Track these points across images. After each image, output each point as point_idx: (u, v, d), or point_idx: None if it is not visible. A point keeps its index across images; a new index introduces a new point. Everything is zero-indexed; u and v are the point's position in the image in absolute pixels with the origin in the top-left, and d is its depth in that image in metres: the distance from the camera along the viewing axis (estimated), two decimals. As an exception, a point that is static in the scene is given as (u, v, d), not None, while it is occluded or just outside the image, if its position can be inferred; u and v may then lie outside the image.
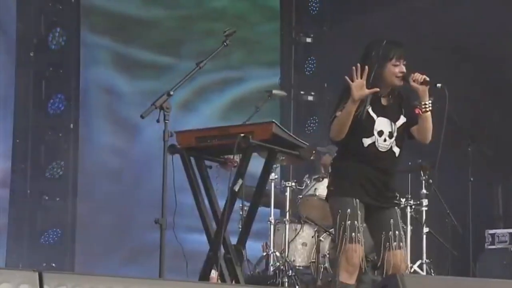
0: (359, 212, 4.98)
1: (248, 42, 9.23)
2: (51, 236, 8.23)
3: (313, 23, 9.78)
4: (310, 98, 9.73)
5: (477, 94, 8.61)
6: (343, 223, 4.95)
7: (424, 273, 7.29)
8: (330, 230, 7.12)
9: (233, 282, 4.86)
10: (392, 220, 5.05)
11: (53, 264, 8.07)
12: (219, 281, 4.92)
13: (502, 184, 8.94)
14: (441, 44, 8.78)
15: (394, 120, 5.07)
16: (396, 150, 5.09)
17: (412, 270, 7.22)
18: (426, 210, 7.47)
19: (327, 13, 9.75)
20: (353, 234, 4.93)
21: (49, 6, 8.43)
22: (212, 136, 4.99)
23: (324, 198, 7.18)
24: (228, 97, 9.26)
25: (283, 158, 6.90)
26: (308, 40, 9.74)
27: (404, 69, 5.08)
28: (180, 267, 5.08)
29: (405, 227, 7.33)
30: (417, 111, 5.01)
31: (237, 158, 5.05)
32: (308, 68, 9.77)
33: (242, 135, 4.82)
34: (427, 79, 5.02)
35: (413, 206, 7.41)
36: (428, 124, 5.05)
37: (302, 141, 5.05)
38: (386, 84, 5.08)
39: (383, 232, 5.06)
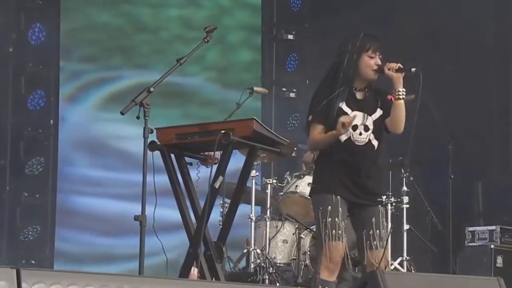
0: (340, 209, 5.00)
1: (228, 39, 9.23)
2: (30, 233, 8.19)
3: (295, 20, 9.78)
4: (291, 95, 9.73)
5: (457, 91, 8.64)
6: (324, 220, 4.95)
7: (405, 270, 7.31)
8: (311, 227, 7.13)
9: (213, 279, 4.85)
10: (374, 218, 5.06)
11: (33, 261, 8.04)
12: (199, 278, 4.91)
13: (482, 181, 8.97)
14: (420, 40, 8.80)
15: (370, 113, 5.09)
16: (375, 143, 5.11)
17: (393, 267, 7.23)
18: (406, 208, 7.49)
19: (309, 10, 9.75)
20: (334, 231, 4.93)
21: (29, 2, 8.38)
22: (193, 132, 4.98)
23: (306, 196, 7.23)
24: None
25: (264, 155, 6.91)
26: (290, 37, 9.74)
27: (379, 62, 5.10)
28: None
29: (390, 225, 7.35)
30: (389, 97, 5.03)
31: (217, 155, 5.04)
32: (289, 65, 9.77)
33: (222, 132, 4.81)
34: (401, 66, 5.04)
35: (393, 203, 7.43)
36: (401, 113, 5.03)
37: (283, 138, 5.05)
38: (362, 77, 5.11)
39: (365, 230, 5.07)
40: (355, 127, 5.06)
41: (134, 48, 8.74)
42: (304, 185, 7.28)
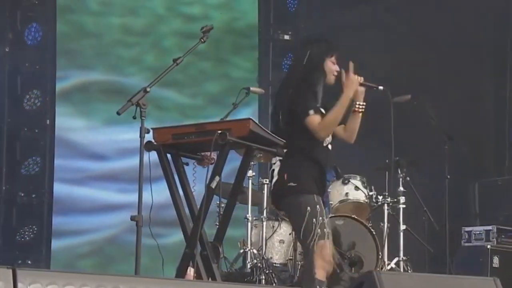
0: (324, 208, 5.06)
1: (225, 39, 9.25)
2: (26, 233, 8.18)
3: (291, 21, 9.78)
4: (288, 95, 9.72)
5: (453, 92, 8.65)
6: (314, 220, 4.98)
7: (401, 270, 7.32)
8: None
9: (210, 279, 4.85)
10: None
11: (29, 261, 8.03)
12: (195, 278, 4.91)
13: (479, 181, 8.98)
14: (417, 42, 8.82)
15: None
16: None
17: (389, 267, 7.24)
18: (403, 208, 7.49)
19: (305, 10, 9.75)
20: (325, 230, 4.96)
21: (25, 1, 8.38)
22: (189, 132, 4.97)
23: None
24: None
25: (261, 155, 6.90)
26: (286, 37, 9.74)
27: (338, 69, 5.26)
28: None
29: (387, 225, 7.36)
30: (353, 110, 5.19)
31: (214, 155, 5.03)
32: (286, 66, 9.77)
33: (219, 132, 4.80)
34: (365, 82, 5.22)
35: (390, 204, 7.43)
36: (357, 125, 5.24)
37: (279, 138, 5.05)
38: (325, 82, 5.27)
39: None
40: None
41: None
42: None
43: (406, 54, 8.68)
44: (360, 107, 5.17)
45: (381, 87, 5.24)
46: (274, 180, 5.22)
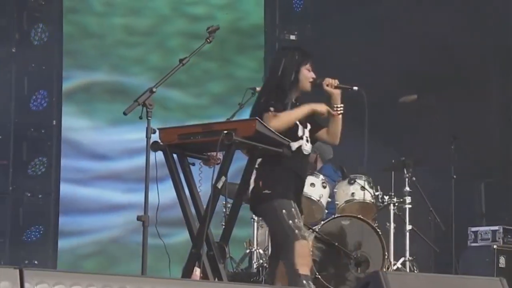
0: (299, 212, 5.21)
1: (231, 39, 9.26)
2: (33, 233, 8.20)
3: (297, 21, 9.79)
4: (294, 95, 9.73)
5: (459, 92, 8.65)
6: (291, 222, 5.05)
7: (407, 270, 7.31)
8: (314, 227, 7.13)
9: (216, 279, 4.85)
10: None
11: (35, 261, 8.05)
12: (202, 278, 4.91)
13: (485, 181, 8.97)
14: (423, 42, 8.81)
15: (304, 126, 5.35)
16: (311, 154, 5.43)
17: (395, 267, 7.23)
18: (409, 208, 7.49)
19: (311, 10, 9.76)
20: (302, 231, 5.13)
21: (32, 2, 8.40)
22: (195, 133, 4.97)
23: (308, 196, 7.24)
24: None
25: (267, 155, 6.89)
26: (292, 37, 9.75)
27: (314, 75, 5.36)
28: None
29: (388, 224, 7.36)
30: (332, 113, 5.30)
31: (220, 155, 5.04)
32: (292, 66, 9.77)
33: (225, 132, 4.81)
34: (340, 85, 5.32)
35: (396, 204, 7.42)
36: (339, 126, 5.35)
37: (285, 138, 5.05)
38: (299, 89, 5.35)
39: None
40: (303, 137, 5.31)
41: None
42: (306, 185, 7.27)
43: (412, 54, 8.68)
44: (339, 109, 5.30)
45: (355, 88, 5.35)
46: (251, 187, 5.27)
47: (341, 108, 5.30)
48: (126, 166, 8.64)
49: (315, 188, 7.27)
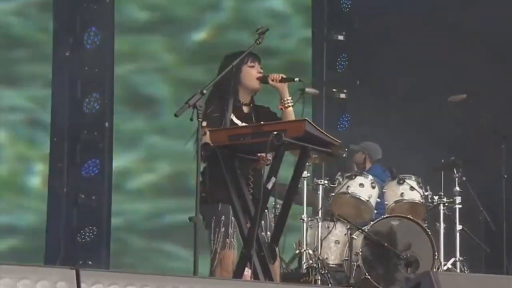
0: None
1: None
2: (87, 234, 8.29)
3: (345, 21, 9.77)
4: (342, 95, 9.73)
5: (509, 91, 8.56)
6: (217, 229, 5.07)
7: (458, 271, 7.27)
8: (363, 228, 7.13)
9: (267, 280, 4.88)
10: None
11: (89, 262, 8.15)
12: (252, 279, 4.94)
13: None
14: (472, 40, 8.73)
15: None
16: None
17: (446, 268, 7.20)
18: (459, 208, 7.44)
19: (359, 10, 9.73)
20: (227, 240, 5.07)
21: (84, 6, 8.50)
22: (245, 134, 5.00)
23: (357, 196, 7.24)
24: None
25: (316, 156, 6.92)
26: (340, 37, 9.73)
27: (260, 70, 5.30)
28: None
29: (438, 224, 7.32)
30: (280, 107, 5.27)
31: (269, 156, 5.06)
32: (340, 66, 9.76)
33: (275, 133, 4.83)
34: (284, 76, 5.26)
35: (446, 204, 7.39)
36: (291, 119, 5.22)
37: (334, 138, 5.05)
38: (247, 89, 5.30)
39: None
40: None
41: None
42: (355, 185, 7.28)
43: (459, 52, 8.61)
44: (288, 101, 5.26)
45: (297, 79, 5.31)
46: None
47: (290, 101, 5.25)
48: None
49: (364, 188, 7.28)
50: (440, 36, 8.75)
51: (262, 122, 5.19)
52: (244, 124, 5.22)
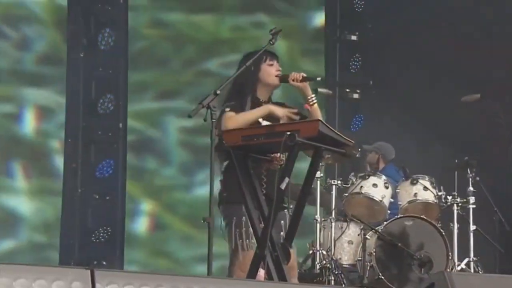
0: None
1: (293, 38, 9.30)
2: (101, 234, 8.32)
3: (358, 21, 9.76)
4: (355, 96, 9.72)
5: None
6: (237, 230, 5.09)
7: (472, 271, 7.26)
8: (377, 228, 7.12)
9: (280, 280, 4.89)
10: None
11: (104, 262, 8.17)
12: (266, 279, 4.95)
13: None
14: (485, 40, 8.72)
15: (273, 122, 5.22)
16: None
17: (459, 268, 7.19)
18: (473, 208, 7.43)
19: (372, 10, 9.72)
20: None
21: (98, 7, 8.53)
22: (259, 134, 5.00)
23: (371, 196, 7.23)
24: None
25: (329, 156, 6.92)
26: (353, 38, 9.73)
27: (279, 68, 5.32)
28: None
29: (452, 224, 7.31)
30: (305, 106, 5.28)
31: (283, 156, 5.07)
32: (353, 66, 9.76)
33: (288, 133, 4.83)
34: (305, 75, 5.26)
35: (459, 204, 7.37)
36: (318, 116, 5.23)
37: (348, 139, 5.05)
38: (266, 86, 5.31)
39: None
40: None
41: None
42: (369, 185, 7.28)
43: (473, 52, 8.59)
44: (313, 99, 5.26)
45: (318, 78, 5.39)
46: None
47: (314, 98, 5.26)
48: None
49: (378, 188, 7.27)
50: (454, 36, 8.73)
51: (280, 120, 5.23)
52: (265, 122, 5.22)
